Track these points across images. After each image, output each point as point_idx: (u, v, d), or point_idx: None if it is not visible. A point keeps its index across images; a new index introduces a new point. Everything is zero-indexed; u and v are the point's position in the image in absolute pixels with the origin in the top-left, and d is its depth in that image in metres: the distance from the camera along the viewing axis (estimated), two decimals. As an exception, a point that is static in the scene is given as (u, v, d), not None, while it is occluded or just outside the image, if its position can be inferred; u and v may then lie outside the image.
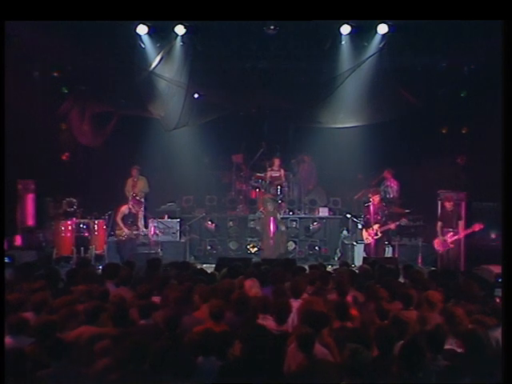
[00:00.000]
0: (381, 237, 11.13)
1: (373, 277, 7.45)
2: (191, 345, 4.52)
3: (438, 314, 5.49)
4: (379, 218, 11.12)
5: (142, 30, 11.08)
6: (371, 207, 11.21)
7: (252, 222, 12.72)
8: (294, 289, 6.44)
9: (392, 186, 12.90)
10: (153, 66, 11.76)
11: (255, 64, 13.02)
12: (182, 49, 11.68)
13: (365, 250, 11.36)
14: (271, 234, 11.68)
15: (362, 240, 11.47)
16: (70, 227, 11.87)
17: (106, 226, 12.23)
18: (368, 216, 11.23)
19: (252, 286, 6.48)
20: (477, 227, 10.41)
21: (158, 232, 12.18)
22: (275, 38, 12.24)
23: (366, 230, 11.27)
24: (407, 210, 12.50)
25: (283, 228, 12.20)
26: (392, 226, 11.15)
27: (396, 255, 11.50)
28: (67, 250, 11.76)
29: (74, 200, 12.27)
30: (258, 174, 13.80)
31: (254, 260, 11.03)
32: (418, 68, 13.17)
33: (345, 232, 12.76)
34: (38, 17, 6.87)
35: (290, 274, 7.41)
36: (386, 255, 11.39)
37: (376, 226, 11.04)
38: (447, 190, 11.90)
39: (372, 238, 11.09)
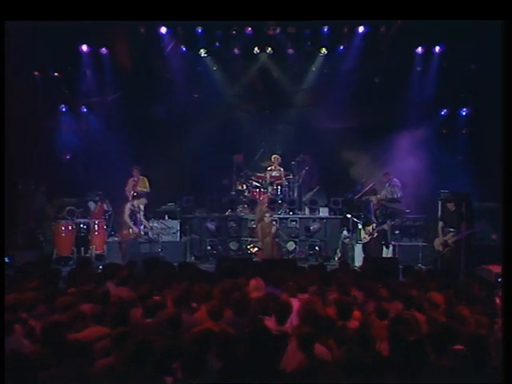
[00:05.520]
0: (377, 236, 11.18)
1: (373, 277, 7.45)
2: (192, 344, 4.52)
3: (440, 314, 5.49)
4: (377, 217, 11.19)
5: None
6: (370, 206, 11.27)
7: (252, 222, 12.71)
8: (294, 289, 6.44)
9: (397, 185, 12.78)
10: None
11: (256, 64, 13.17)
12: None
13: (363, 249, 11.44)
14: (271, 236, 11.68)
15: (362, 239, 11.54)
16: (70, 227, 11.87)
17: (106, 226, 12.25)
18: (366, 214, 11.33)
19: (256, 286, 6.47)
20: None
21: (158, 232, 12.26)
22: (275, 38, 12.35)
23: (364, 229, 11.36)
24: (407, 210, 12.50)
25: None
26: (386, 226, 11.20)
27: (396, 255, 11.50)
28: (67, 250, 11.77)
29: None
30: (258, 174, 13.80)
31: (254, 260, 11.08)
32: (418, 68, 13.26)
33: (345, 232, 12.75)
34: (38, 17, 6.87)
35: (290, 274, 7.41)
36: (386, 255, 11.40)
37: (372, 226, 11.14)
38: (448, 189, 11.90)
39: (369, 236, 11.17)
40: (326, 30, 12.90)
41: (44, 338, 4.77)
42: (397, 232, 12.08)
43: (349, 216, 12.48)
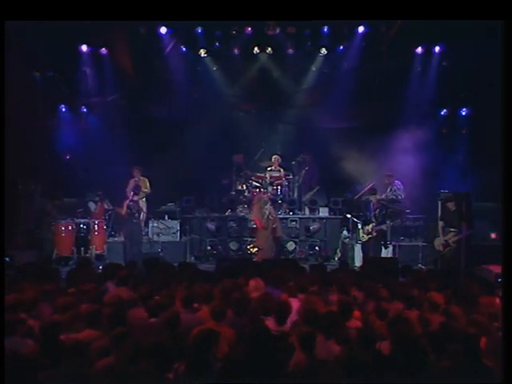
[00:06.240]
0: (376, 236, 11.19)
1: (373, 277, 7.45)
2: (193, 344, 4.52)
3: (440, 314, 5.49)
4: (376, 217, 11.21)
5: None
6: (370, 206, 11.29)
7: (252, 222, 12.71)
8: (294, 289, 6.45)
9: (399, 188, 12.69)
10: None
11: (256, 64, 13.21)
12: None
13: (361, 248, 11.46)
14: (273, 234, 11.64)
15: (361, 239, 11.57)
16: (70, 227, 11.87)
17: (106, 226, 12.26)
18: (366, 214, 11.35)
19: (256, 287, 6.48)
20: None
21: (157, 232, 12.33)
22: (275, 38, 12.37)
23: (363, 229, 11.40)
24: (407, 210, 12.50)
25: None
26: (384, 226, 11.21)
27: (396, 255, 11.50)
28: (67, 250, 11.76)
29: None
30: (258, 174, 13.79)
31: (254, 260, 11.08)
32: (418, 68, 13.28)
33: (345, 232, 12.75)
34: (38, 17, 6.87)
35: (290, 274, 7.41)
36: (386, 255, 11.40)
37: (371, 225, 11.15)
38: (448, 189, 11.90)
39: (367, 236, 11.20)
40: (325, 29, 12.92)
41: (43, 338, 4.78)
42: (396, 232, 12.08)
43: (349, 216, 12.48)
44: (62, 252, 11.72)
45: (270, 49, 13.57)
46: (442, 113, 14.06)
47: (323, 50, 13.50)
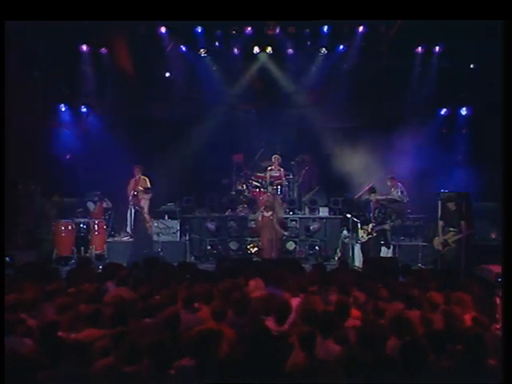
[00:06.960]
0: (376, 236, 11.18)
1: (373, 277, 7.45)
2: (193, 344, 4.52)
3: (439, 314, 5.50)
4: (376, 217, 11.21)
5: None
6: (370, 206, 11.30)
7: (252, 222, 12.71)
8: (295, 288, 6.45)
9: (403, 190, 12.61)
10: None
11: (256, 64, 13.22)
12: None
13: (361, 248, 11.44)
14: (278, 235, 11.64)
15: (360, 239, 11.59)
16: (69, 227, 11.87)
17: (106, 226, 12.26)
18: (365, 213, 11.36)
19: (256, 287, 6.48)
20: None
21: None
22: (275, 38, 12.38)
23: (362, 228, 11.37)
24: (408, 210, 12.50)
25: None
26: (387, 226, 11.20)
27: (396, 255, 11.50)
28: (67, 250, 11.77)
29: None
30: (258, 174, 13.80)
31: (254, 260, 11.08)
32: (419, 68, 13.29)
33: (345, 232, 12.74)
34: (38, 17, 6.87)
35: (290, 274, 7.41)
36: (386, 255, 11.40)
37: (370, 226, 11.15)
38: (448, 189, 11.90)
39: (367, 236, 11.19)
40: (325, 29, 12.93)
41: (42, 338, 4.78)
42: (397, 232, 12.08)
43: (348, 216, 12.47)
44: (61, 252, 11.73)
45: (270, 49, 13.58)
46: (442, 113, 14.07)
47: (323, 50, 13.51)
